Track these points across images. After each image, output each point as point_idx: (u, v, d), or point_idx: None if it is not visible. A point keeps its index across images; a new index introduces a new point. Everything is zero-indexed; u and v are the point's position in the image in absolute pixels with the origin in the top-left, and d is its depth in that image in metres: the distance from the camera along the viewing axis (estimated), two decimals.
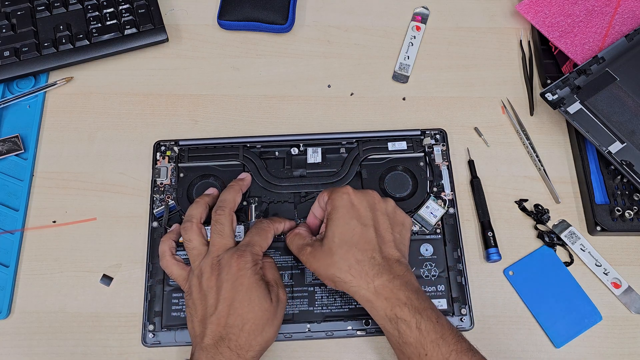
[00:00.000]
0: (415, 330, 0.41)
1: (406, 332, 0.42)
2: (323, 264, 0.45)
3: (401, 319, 0.42)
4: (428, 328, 0.41)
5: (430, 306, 0.43)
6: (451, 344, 0.41)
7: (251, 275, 0.44)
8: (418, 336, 0.41)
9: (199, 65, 0.64)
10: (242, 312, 0.43)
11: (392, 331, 0.42)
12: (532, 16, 0.63)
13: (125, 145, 0.60)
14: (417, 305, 0.42)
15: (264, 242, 0.48)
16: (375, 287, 0.43)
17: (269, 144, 0.58)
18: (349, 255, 0.44)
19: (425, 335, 0.41)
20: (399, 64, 0.64)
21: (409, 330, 0.42)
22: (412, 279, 0.44)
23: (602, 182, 0.57)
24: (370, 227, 0.45)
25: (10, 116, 0.61)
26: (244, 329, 0.43)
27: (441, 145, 0.58)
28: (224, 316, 0.43)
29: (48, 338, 0.52)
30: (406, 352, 0.42)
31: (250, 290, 0.43)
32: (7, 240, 0.55)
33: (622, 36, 0.60)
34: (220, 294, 0.43)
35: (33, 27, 0.62)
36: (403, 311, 0.42)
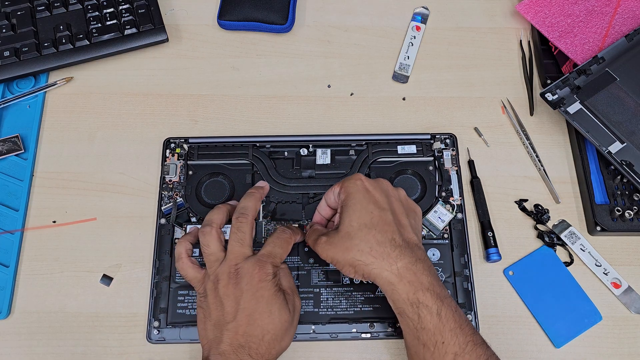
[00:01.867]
0: (435, 317, 0.41)
1: (426, 318, 0.41)
2: (341, 249, 0.44)
3: (423, 304, 0.41)
4: (448, 316, 0.41)
5: (449, 295, 0.43)
6: (468, 335, 0.41)
7: (271, 287, 0.44)
8: (437, 323, 0.41)
9: (199, 65, 0.64)
10: (262, 324, 0.43)
11: (411, 315, 0.42)
12: (532, 16, 0.63)
13: (125, 145, 0.60)
14: (438, 291, 0.42)
15: (285, 253, 0.47)
16: (399, 268, 0.42)
17: (279, 144, 0.58)
18: (369, 237, 0.43)
19: (445, 322, 0.41)
20: (399, 64, 0.64)
21: (430, 316, 0.41)
22: (432, 265, 0.44)
23: (602, 182, 0.57)
24: (387, 211, 0.45)
25: (10, 116, 0.61)
26: (265, 339, 0.43)
27: (451, 149, 0.58)
28: (244, 325, 0.43)
29: (48, 338, 0.52)
30: (422, 338, 0.41)
31: (270, 302, 0.43)
32: (7, 240, 0.55)
33: (622, 36, 0.60)
34: (240, 304, 0.43)
35: (33, 27, 0.62)
36: (425, 296, 0.41)
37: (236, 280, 0.44)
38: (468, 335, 0.41)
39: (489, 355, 0.41)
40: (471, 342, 0.41)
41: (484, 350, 0.41)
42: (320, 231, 0.47)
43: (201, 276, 0.46)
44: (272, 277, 0.44)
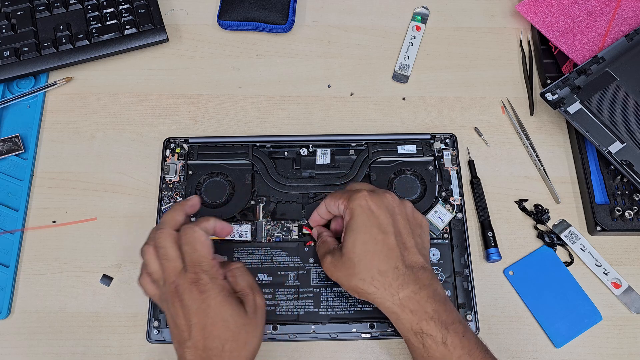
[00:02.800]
0: (441, 345, 0.40)
1: (432, 347, 0.41)
2: (344, 275, 0.43)
3: (427, 334, 0.41)
4: (454, 343, 0.40)
5: (457, 319, 0.42)
6: (478, 359, 0.41)
7: (216, 295, 0.42)
8: (444, 351, 0.40)
9: (198, 65, 0.64)
10: (218, 334, 0.41)
11: (417, 344, 0.41)
12: (532, 16, 0.63)
13: (125, 145, 0.60)
14: (444, 318, 0.41)
15: (204, 251, 0.43)
16: (401, 299, 0.41)
17: (279, 144, 0.58)
18: (371, 266, 0.42)
19: (452, 350, 0.40)
20: (399, 64, 0.64)
21: (435, 345, 0.40)
22: (438, 288, 0.43)
23: (602, 182, 0.57)
24: (391, 235, 0.44)
25: (10, 116, 0.61)
26: (225, 349, 0.41)
27: (451, 149, 0.58)
28: (201, 340, 0.41)
29: (48, 338, 0.52)
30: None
31: (219, 311, 0.41)
32: (7, 241, 0.55)
33: (622, 36, 0.60)
34: (191, 319, 0.41)
35: (33, 27, 0.62)
36: (429, 325, 0.41)
37: (179, 298, 0.42)
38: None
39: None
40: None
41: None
42: (328, 247, 0.47)
43: (158, 296, 0.45)
44: (212, 284, 0.42)
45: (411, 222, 0.46)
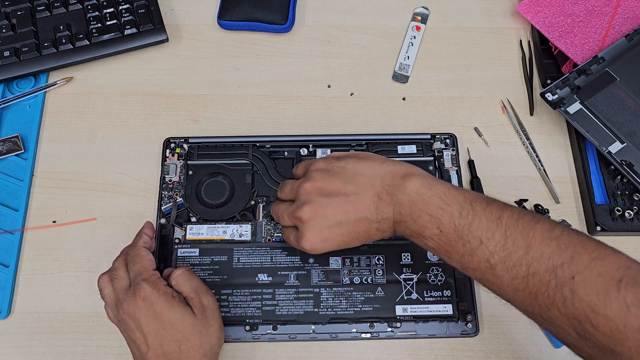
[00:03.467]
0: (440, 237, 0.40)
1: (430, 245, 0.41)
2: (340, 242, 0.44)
3: (428, 238, 0.40)
4: (438, 243, 0.40)
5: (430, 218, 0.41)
6: (460, 250, 0.39)
7: (159, 300, 0.43)
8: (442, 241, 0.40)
9: (198, 65, 0.64)
10: (171, 337, 0.43)
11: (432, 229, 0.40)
12: (532, 16, 0.63)
13: (125, 145, 0.60)
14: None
15: (144, 262, 0.46)
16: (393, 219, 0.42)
17: (279, 144, 0.58)
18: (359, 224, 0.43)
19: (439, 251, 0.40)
20: (399, 64, 0.64)
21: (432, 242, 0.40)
22: (428, 180, 0.42)
23: (602, 182, 0.57)
24: (344, 193, 0.43)
25: (10, 116, 0.61)
26: (182, 349, 0.42)
27: (451, 149, 0.58)
28: (158, 347, 0.42)
29: (48, 338, 0.52)
30: (465, 263, 0.39)
31: (166, 314, 0.43)
32: (7, 241, 0.55)
33: (622, 36, 0.60)
34: (144, 330, 0.43)
35: (33, 27, 0.62)
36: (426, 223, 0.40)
37: (128, 312, 0.43)
38: (460, 250, 0.38)
39: (488, 256, 0.37)
40: (465, 255, 0.38)
41: (480, 255, 0.38)
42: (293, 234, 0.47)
43: (116, 320, 0.46)
44: (154, 291, 0.44)
45: (330, 168, 0.46)
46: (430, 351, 0.51)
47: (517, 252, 0.36)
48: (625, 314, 0.31)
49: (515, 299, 0.37)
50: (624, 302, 0.32)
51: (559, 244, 0.35)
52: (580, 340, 0.34)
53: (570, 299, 0.34)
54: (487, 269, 0.37)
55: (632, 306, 0.31)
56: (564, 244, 0.35)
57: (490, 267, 0.37)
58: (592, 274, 0.33)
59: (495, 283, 0.38)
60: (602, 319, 0.32)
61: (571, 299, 0.33)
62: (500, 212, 0.38)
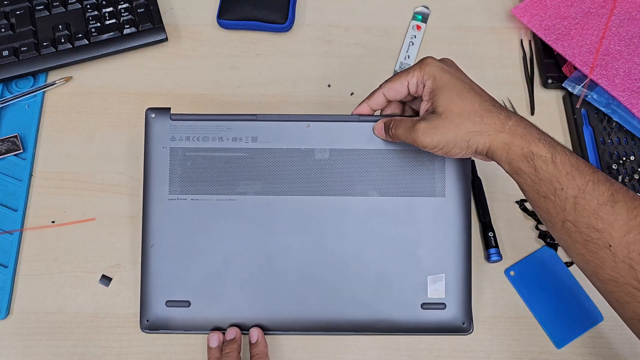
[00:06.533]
0: (550, 165, 0.41)
1: (542, 168, 0.41)
2: (451, 128, 0.43)
3: (537, 155, 0.41)
4: (564, 161, 0.41)
5: (560, 143, 0.42)
6: (587, 174, 0.40)
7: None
8: (554, 170, 0.40)
9: (198, 64, 0.64)
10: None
11: (527, 170, 0.42)
12: (529, 19, 0.63)
13: (124, 145, 0.59)
14: (550, 140, 0.42)
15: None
16: (510, 127, 0.42)
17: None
18: (474, 109, 0.43)
19: (561, 168, 0.40)
20: (399, 63, 0.64)
21: (545, 165, 0.41)
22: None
23: None
24: (472, 83, 0.45)
25: (9, 116, 0.60)
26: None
27: None
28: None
29: (47, 339, 0.52)
30: (541, 190, 0.41)
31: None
32: (6, 241, 0.55)
33: (620, 37, 0.59)
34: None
35: (32, 26, 0.62)
36: (538, 146, 0.41)
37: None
38: (587, 175, 0.40)
39: (613, 190, 0.39)
40: (591, 181, 0.40)
41: (607, 186, 0.40)
42: (411, 120, 0.45)
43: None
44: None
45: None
46: (431, 351, 0.51)
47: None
48: None
49: (624, 240, 0.38)
50: None
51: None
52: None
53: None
54: (609, 202, 0.39)
55: None
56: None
57: (613, 201, 0.39)
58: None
59: (607, 220, 0.39)
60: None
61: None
62: None
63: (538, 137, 0.42)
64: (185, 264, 0.50)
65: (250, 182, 0.51)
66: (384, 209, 0.50)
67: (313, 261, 0.50)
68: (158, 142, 0.51)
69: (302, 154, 0.51)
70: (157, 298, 0.49)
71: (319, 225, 0.50)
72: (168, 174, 0.51)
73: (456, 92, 0.44)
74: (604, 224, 0.39)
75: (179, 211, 0.50)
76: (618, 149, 0.58)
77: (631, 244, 0.38)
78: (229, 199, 0.50)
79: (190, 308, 0.49)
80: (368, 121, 0.50)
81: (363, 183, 0.50)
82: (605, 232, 0.39)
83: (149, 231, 0.50)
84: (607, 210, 0.39)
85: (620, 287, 0.39)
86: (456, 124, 0.43)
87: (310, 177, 0.51)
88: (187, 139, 0.51)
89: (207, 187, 0.51)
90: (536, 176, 0.41)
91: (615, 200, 0.39)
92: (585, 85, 0.59)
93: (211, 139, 0.51)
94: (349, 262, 0.50)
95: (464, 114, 0.43)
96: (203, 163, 0.51)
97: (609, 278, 0.39)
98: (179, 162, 0.51)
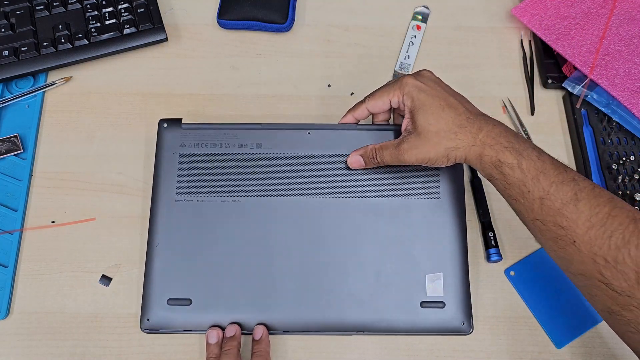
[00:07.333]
0: (517, 170, 0.44)
1: (509, 174, 0.44)
2: (431, 147, 0.47)
3: (504, 163, 0.44)
4: (529, 166, 0.43)
5: (530, 145, 0.45)
6: (552, 177, 0.43)
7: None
8: (520, 175, 0.44)
9: (198, 64, 0.64)
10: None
11: (498, 176, 0.45)
12: (529, 19, 0.63)
13: (124, 145, 0.59)
14: (517, 147, 0.44)
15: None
16: (481, 139, 0.45)
17: None
18: (449, 126, 0.46)
19: (527, 173, 0.43)
20: (399, 63, 0.64)
21: (512, 171, 0.44)
22: (506, 126, 0.47)
23: (603, 182, 0.56)
24: (449, 97, 0.48)
25: (9, 116, 0.60)
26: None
27: None
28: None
29: (47, 339, 0.52)
30: (512, 193, 0.45)
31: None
32: (6, 241, 0.55)
33: (620, 37, 0.59)
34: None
35: (32, 26, 0.62)
36: (505, 155, 0.44)
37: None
38: (551, 177, 0.43)
39: (577, 189, 0.42)
40: (554, 183, 0.42)
41: (570, 186, 0.42)
42: (391, 142, 0.50)
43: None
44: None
45: (449, 86, 0.51)
46: (431, 352, 0.51)
47: (604, 197, 0.41)
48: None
49: (586, 236, 0.41)
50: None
51: (636, 209, 0.41)
52: (635, 285, 0.38)
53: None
54: (572, 201, 0.41)
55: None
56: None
57: (576, 200, 0.41)
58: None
59: (571, 218, 0.41)
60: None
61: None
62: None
63: (505, 146, 0.45)
64: (188, 263, 0.50)
65: (254, 184, 0.52)
66: (381, 209, 0.52)
67: (312, 260, 0.50)
68: (169, 148, 0.54)
69: (303, 159, 0.53)
70: (159, 296, 0.49)
71: (318, 225, 0.51)
72: (176, 178, 0.53)
73: (432, 112, 0.47)
74: (568, 221, 0.41)
75: (185, 212, 0.52)
76: (618, 149, 0.58)
77: (593, 239, 0.40)
78: (233, 200, 0.52)
79: (191, 306, 0.49)
80: (365, 129, 0.54)
81: (361, 185, 0.52)
82: (570, 229, 0.41)
83: (155, 231, 0.51)
84: (571, 209, 0.41)
85: (589, 281, 0.41)
86: (434, 143, 0.47)
87: (311, 180, 0.53)
88: (196, 145, 0.54)
89: (212, 189, 0.52)
90: (505, 181, 0.45)
91: (579, 199, 0.41)
92: (585, 85, 0.59)
93: (218, 145, 0.53)
94: (348, 262, 0.50)
95: (440, 133, 0.47)
96: (210, 167, 0.53)
97: (578, 272, 0.42)
98: (187, 166, 0.53)
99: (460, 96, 0.50)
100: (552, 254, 0.44)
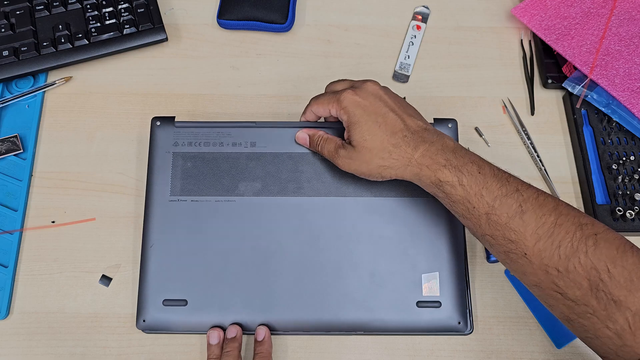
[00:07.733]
0: (459, 188, 0.43)
1: (451, 192, 0.43)
2: (363, 162, 0.47)
3: (444, 182, 0.43)
4: (470, 182, 0.43)
5: (470, 160, 0.44)
6: (494, 191, 0.42)
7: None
8: (462, 192, 0.43)
9: (198, 64, 0.64)
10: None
11: (440, 194, 0.45)
12: (528, 19, 0.63)
13: (124, 145, 0.59)
14: (456, 163, 0.44)
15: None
16: (417, 159, 0.45)
17: None
18: (384, 145, 0.46)
19: (469, 189, 0.43)
20: (399, 63, 0.64)
21: (453, 190, 0.43)
22: (446, 141, 0.46)
23: (603, 182, 0.56)
24: (388, 112, 0.47)
25: (9, 116, 0.60)
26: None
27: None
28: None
29: (47, 339, 0.52)
30: (458, 210, 0.44)
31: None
32: (6, 241, 0.55)
33: (620, 37, 0.59)
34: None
35: (32, 26, 0.62)
36: (444, 173, 0.43)
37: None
38: (494, 192, 0.42)
39: (521, 201, 0.41)
40: (498, 197, 0.42)
41: (515, 198, 0.41)
42: (335, 142, 0.49)
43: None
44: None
45: (396, 98, 0.50)
46: (431, 352, 0.51)
47: (548, 205, 0.41)
48: (638, 268, 0.37)
49: (535, 248, 0.40)
50: (637, 259, 0.38)
51: (581, 213, 0.41)
52: (588, 292, 0.38)
53: (593, 251, 0.38)
54: (517, 214, 0.41)
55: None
56: (584, 215, 0.41)
57: (521, 212, 0.41)
58: (610, 236, 0.39)
59: (519, 231, 0.41)
60: (619, 269, 0.37)
61: (593, 251, 0.38)
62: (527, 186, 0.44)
63: (443, 164, 0.44)
64: (183, 264, 0.50)
65: (248, 183, 0.52)
66: (377, 208, 0.52)
67: (308, 260, 0.50)
68: (162, 147, 0.53)
69: (298, 158, 0.53)
70: (154, 297, 0.49)
71: (313, 224, 0.51)
72: (170, 177, 0.52)
73: (367, 128, 0.46)
74: (517, 234, 0.41)
75: (179, 212, 0.51)
76: (618, 149, 0.58)
77: (542, 251, 0.40)
78: (227, 200, 0.51)
79: (186, 307, 0.49)
80: None
81: (356, 185, 0.52)
82: (519, 242, 0.41)
83: (149, 232, 0.51)
84: (517, 222, 0.41)
85: (544, 291, 0.41)
86: (367, 159, 0.47)
87: (305, 179, 0.52)
88: (190, 144, 0.53)
89: (207, 189, 0.52)
90: (449, 199, 0.44)
91: (524, 211, 0.41)
92: (585, 85, 0.59)
93: (212, 144, 0.53)
94: (344, 261, 0.50)
95: (373, 151, 0.46)
96: (204, 166, 0.52)
97: (533, 283, 0.42)
98: (180, 166, 0.52)
99: (402, 110, 0.48)
100: (507, 266, 0.44)
